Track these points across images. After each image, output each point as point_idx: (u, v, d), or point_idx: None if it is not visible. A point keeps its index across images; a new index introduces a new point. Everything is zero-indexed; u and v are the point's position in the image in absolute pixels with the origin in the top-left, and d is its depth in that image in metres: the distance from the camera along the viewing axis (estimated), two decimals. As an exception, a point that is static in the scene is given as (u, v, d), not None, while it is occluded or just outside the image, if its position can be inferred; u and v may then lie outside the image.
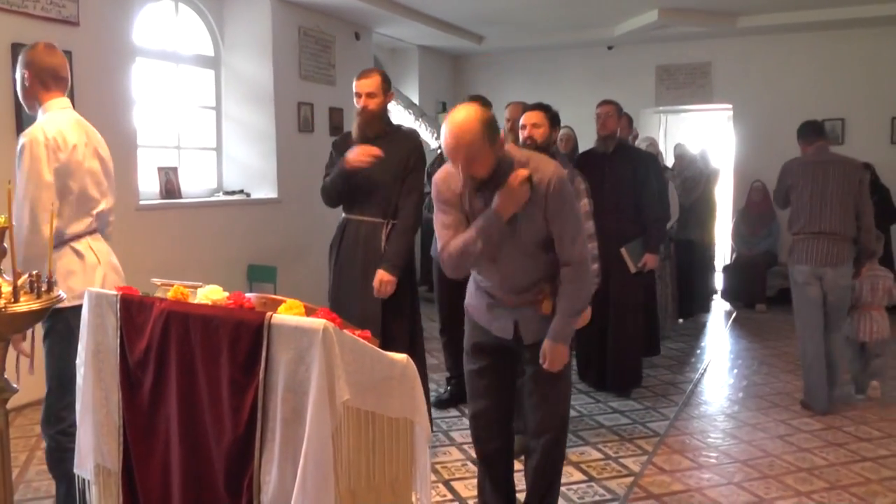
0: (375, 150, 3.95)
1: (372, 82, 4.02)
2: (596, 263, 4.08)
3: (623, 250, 5.24)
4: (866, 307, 5.26)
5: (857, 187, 4.94)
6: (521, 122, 4.17)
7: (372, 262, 4.03)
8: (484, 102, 4.92)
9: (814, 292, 4.99)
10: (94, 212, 3.28)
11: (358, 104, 4.04)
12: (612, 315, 5.34)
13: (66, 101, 3.26)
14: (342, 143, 4.20)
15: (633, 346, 5.50)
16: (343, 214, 4.25)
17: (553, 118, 4.23)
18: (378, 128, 4.06)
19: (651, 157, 5.87)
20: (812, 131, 5.21)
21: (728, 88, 9.62)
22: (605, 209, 5.10)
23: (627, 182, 5.31)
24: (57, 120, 3.17)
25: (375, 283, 3.97)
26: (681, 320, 7.73)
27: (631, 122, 6.28)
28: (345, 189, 4.08)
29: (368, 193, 4.09)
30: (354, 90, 4.03)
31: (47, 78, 3.18)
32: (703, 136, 10.28)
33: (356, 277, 4.08)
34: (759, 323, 7.92)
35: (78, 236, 3.23)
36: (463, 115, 2.71)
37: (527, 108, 4.27)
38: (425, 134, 9.32)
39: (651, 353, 6.22)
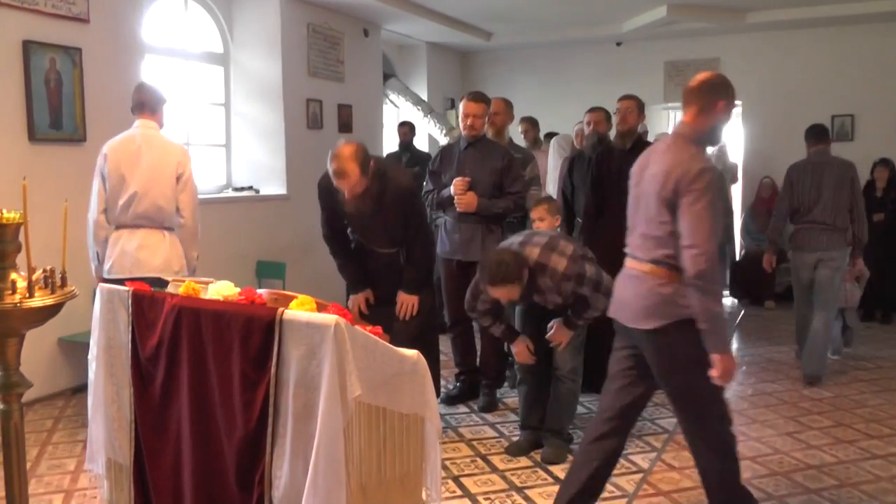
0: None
1: (349, 180, 3.89)
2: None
3: None
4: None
5: (849, 184, 5.69)
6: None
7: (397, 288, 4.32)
8: (483, 98, 4.90)
9: (804, 276, 5.79)
10: (131, 210, 4.22)
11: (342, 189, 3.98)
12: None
13: (141, 121, 4.37)
14: (330, 197, 4.19)
15: None
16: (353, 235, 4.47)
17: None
18: (369, 205, 4.04)
19: None
20: (814, 135, 5.96)
21: (737, 84, 9.23)
22: (618, 207, 5.03)
23: None
24: (118, 136, 4.36)
25: (399, 305, 4.25)
26: None
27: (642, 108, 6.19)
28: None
29: (375, 236, 4.33)
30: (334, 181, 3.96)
31: (134, 105, 4.41)
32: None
33: (387, 310, 4.29)
34: (768, 320, 7.90)
35: (118, 227, 4.27)
36: None
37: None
38: (433, 130, 9.32)
39: None
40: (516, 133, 7.16)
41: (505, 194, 4.80)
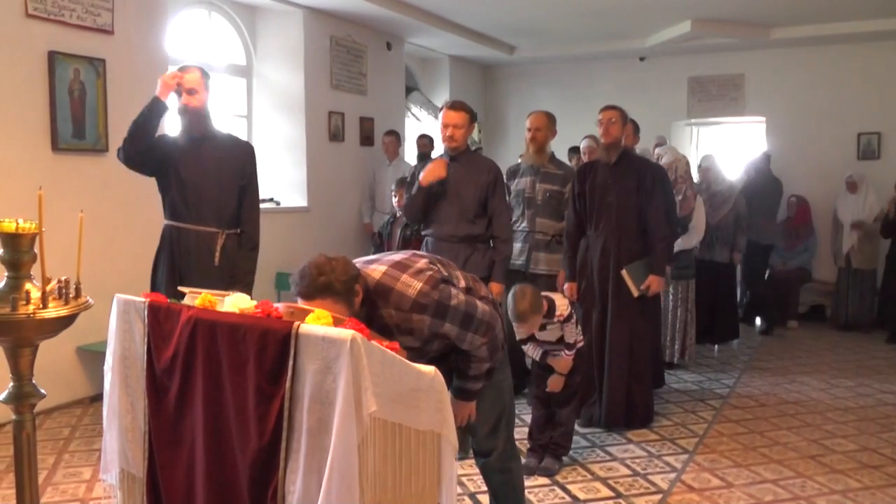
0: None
1: (195, 77, 4.05)
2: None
3: (624, 272, 4.84)
4: None
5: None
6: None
7: (206, 275, 3.87)
8: (464, 107, 4.48)
9: None
10: None
11: (182, 102, 4.06)
12: (608, 346, 4.92)
13: None
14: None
15: (639, 382, 4.98)
16: (166, 221, 4.13)
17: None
18: (202, 128, 4.11)
19: (659, 169, 5.34)
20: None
21: (761, 101, 9.50)
22: (607, 225, 4.89)
23: (632, 195, 4.87)
24: None
25: None
26: (715, 347, 7.47)
27: (637, 129, 5.87)
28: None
29: (198, 203, 4.03)
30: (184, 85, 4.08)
31: None
32: (738, 149, 10.18)
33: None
34: (791, 340, 7.79)
35: None
36: None
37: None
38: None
39: (655, 385, 5.61)
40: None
41: (492, 222, 4.46)
